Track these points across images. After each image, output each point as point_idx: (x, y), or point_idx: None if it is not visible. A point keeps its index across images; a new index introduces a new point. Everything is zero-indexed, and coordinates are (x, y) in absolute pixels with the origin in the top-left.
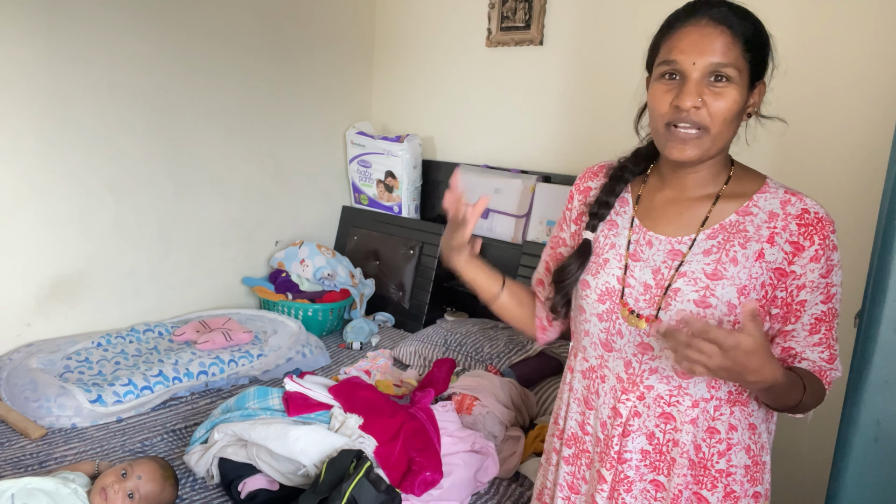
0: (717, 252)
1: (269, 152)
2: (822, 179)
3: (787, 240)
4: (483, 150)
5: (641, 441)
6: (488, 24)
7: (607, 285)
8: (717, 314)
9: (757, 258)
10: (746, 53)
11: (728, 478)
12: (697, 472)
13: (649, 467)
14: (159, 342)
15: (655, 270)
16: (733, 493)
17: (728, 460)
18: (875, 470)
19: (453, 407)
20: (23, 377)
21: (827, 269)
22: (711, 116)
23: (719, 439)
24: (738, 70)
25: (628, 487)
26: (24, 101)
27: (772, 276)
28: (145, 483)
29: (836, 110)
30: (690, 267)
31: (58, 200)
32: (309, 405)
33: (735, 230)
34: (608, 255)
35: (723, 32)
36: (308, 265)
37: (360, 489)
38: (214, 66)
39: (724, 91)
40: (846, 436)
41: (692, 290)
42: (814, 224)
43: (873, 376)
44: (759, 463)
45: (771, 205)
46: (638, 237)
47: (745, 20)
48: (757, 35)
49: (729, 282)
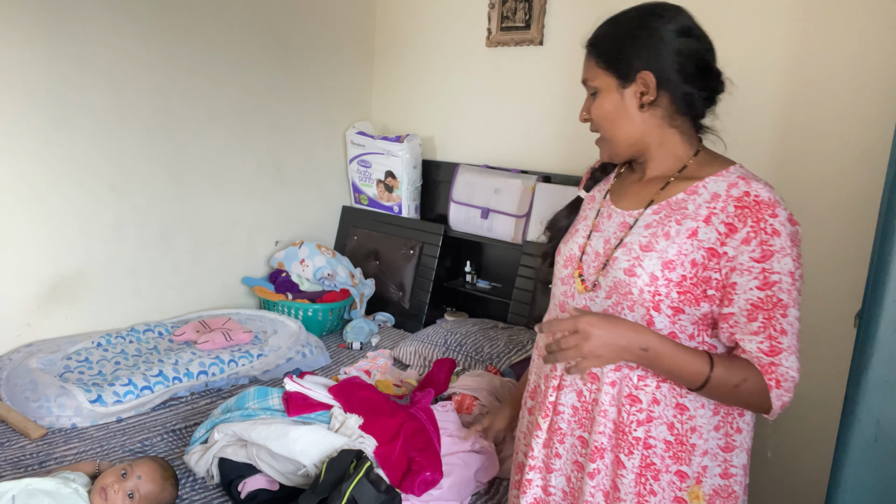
0: (656, 227)
1: (269, 152)
2: (823, 180)
3: (723, 220)
4: (483, 150)
5: (572, 397)
6: (488, 24)
7: (571, 251)
8: (639, 283)
9: (689, 235)
10: (602, 63)
11: (648, 449)
12: (618, 435)
13: (577, 423)
14: (159, 342)
15: (606, 240)
16: (653, 466)
17: (647, 431)
18: (875, 470)
19: (453, 407)
20: (23, 377)
21: (762, 253)
22: (597, 123)
23: (640, 408)
24: (600, 80)
25: (561, 439)
26: (24, 100)
27: (703, 255)
28: (145, 483)
29: (836, 111)
30: (631, 238)
31: (58, 200)
32: (309, 405)
33: (677, 208)
34: (579, 226)
35: (588, 55)
36: (308, 265)
37: (360, 489)
38: (214, 66)
39: (598, 100)
40: (846, 436)
41: (625, 259)
42: (750, 206)
43: (873, 376)
44: (686, 443)
45: (718, 187)
46: (604, 210)
47: (600, 35)
48: (610, 42)
49: (657, 254)
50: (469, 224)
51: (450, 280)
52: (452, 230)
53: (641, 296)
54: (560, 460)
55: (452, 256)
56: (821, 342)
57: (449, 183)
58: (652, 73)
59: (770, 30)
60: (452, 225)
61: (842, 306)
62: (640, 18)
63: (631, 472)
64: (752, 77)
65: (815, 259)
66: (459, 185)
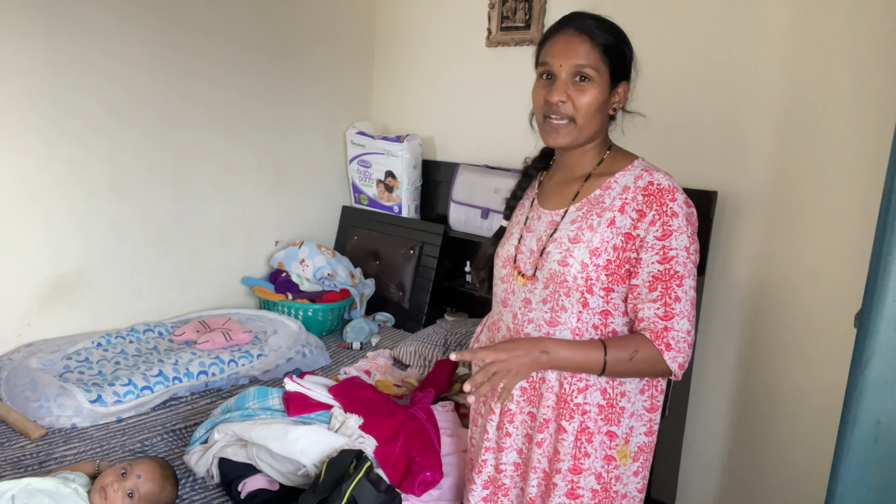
0: (580, 221)
1: (269, 152)
2: (822, 180)
3: (634, 208)
4: (483, 150)
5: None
6: (488, 24)
7: (507, 253)
8: (572, 272)
9: (608, 225)
10: (605, 57)
11: (584, 415)
12: (560, 405)
13: (526, 401)
14: (159, 342)
15: (538, 238)
16: (587, 430)
17: (584, 397)
18: (875, 470)
19: (453, 407)
20: (23, 377)
21: (663, 232)
22: (577, 109)
23: (579, 378)
24: (597, 71)
25: (511, 419)
26: (24, 100)
27: (622, 240)
28: (145, 482)
29: (836, 111)
30: (559, 233)
31: (58, 200)
32: (309, 405)
33: (596, 202)
34: (513, 230)
35: (584, 40)
36: (308, 265)
37: (360, 489)
38: (214, 66)
39: (587, 88)
40: (846, 436)
41: (557, 252)
42: (654, 193)
43: (873, 376)
44: (615, 406)
45: (626, 180)
46: (533, 213)
47: (604, 31)
48: (615, 43)
49: (584, 244)
50: (469, 224)
51: (450, 280)
52: (452, 230)
53: (575, 282)
54: (510, 438)
55: (452, 256)
56: (821, 342)
57: (449, 183)
58: (629, 85)
59: (770, 30)
60: (452, 225)
61: (842, 306)
62: (626, 37)
63: (571, 434)
64: (752, 77)
65: (816, 259)
66: (459, 185)
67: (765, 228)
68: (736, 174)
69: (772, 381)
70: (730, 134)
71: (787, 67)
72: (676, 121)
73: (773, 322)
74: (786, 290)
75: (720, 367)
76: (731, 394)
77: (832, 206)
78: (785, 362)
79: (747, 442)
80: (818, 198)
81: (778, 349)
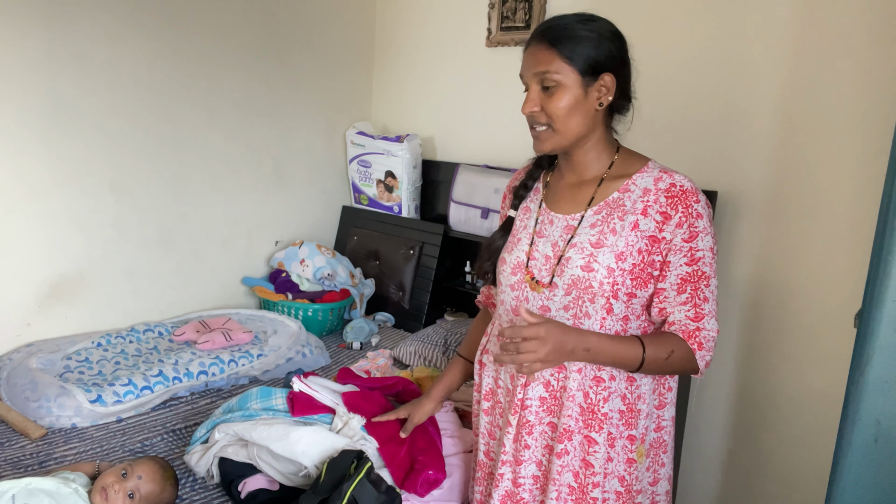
0: (601, 225)
1: (269, 152)
2: (823, 180)
3: (658, 210)
4: (483, 150)
5: (539, 389)
6: (488, 24)
7: (518, 259)
8: (598, 277)
9: (632, 228)
10: (567, 57)
11: (608, 421)
12: (587, 416)
13: (546, 411)
14: (159, 342)
15: (553, 244)
16: (611, 435)
17: (609, 406)
18: (875, 470)
19: (453, 408)
20: (23, 377)
21: (690, 234)
22: (550, 115)
23: (604, 387)
24: (560, 73)
25: (529, 430)
26: (24, 100)
27: (647, 243)
28: (145, 483)
29: (836, 111)
30: (579, 238)
31: (58, 200)
32: (314, 406)
33: (616, 206)
34: (521, 235)
35: (543, 46)
36: (308, 265)
37: (361, 490)
38: (214, 66)
39: (554, 92)
40: (846, 436)
41: (580, 257)
42: (678, 195)
43: (873, 376)
44: (634, 410)
45: (646, 182)
46: (543, 217)
47: (565, 29)
48: (579, 39)
49: (609, 249)
50: (469, 224)
51: (450, 280)
52: (452, 230)
53: (602, 287)
54: (529, 451)
55: (452, 256)
56: (821, 342)
57: (449, 183)
58: (614, 77)
59: (771, 30)
60: (452, 225)
61: (842, 306)
62: (610, 29)
63: (602, 446)
64: (752, 77)
65: (816, 259)
66: (459, 185)
67: (765, 228)
68: (736, 174)
69: (772, 380)
70: (730, 134)
71: (787, 67)
72: (676, 121)
73: (773, 322)
74: (786, 290)
75: (720, 366)
76: (731, 393)
77: (832, 207)
78: (785, 362)
79: (747, 442)
80: (818, 198)
81: (778, 349)
